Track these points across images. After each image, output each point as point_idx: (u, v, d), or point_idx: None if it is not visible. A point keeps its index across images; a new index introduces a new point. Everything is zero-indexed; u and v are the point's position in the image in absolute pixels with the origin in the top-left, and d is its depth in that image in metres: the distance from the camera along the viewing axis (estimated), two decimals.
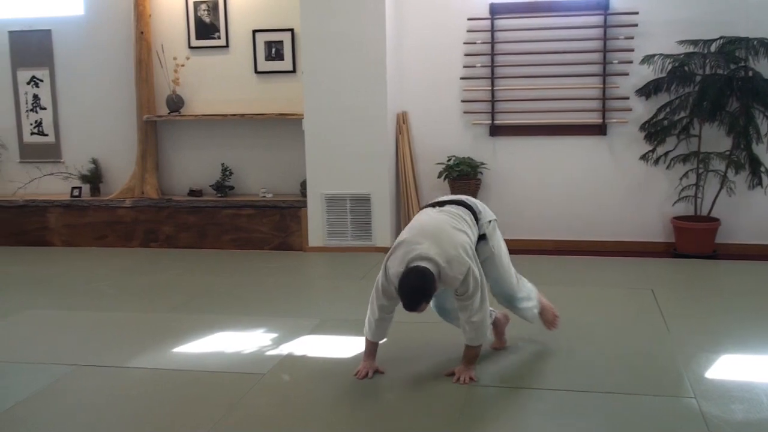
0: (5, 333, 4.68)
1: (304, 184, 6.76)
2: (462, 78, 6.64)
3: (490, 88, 6.59)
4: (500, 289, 3.85)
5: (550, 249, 6.60)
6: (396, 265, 3.42)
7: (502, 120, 6.63)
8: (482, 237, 3.66)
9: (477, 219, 3.66)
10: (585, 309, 4.86)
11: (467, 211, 3.65)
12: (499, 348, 4.06)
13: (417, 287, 3.29)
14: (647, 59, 6.18)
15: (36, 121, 7.52)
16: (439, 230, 3.47)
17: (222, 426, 3.28)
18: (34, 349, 4.35)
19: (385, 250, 6.47)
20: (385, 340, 3.77)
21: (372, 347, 3.75)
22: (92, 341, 4.45)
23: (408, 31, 6.69)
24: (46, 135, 7.53)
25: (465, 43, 6.58)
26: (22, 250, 7.10)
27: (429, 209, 3.72)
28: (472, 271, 3.41)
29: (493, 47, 6.54)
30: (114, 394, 3.68)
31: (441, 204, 3.73)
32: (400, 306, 3.48)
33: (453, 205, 3.68)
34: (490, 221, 3.71)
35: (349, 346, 4.20)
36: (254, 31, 6.95)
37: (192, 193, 7.16)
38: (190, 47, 7.10)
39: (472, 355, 3.66)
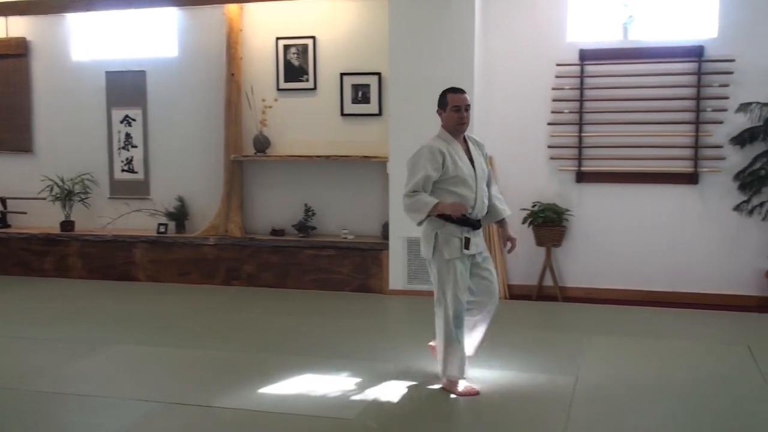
0: (95, 367, 4.76)
1: (385, 227, 6.75)
2: (549, 123, 6.56)
3: (577, 134, 6.50)
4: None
5: (637, 299, 6.40)
6: (435, 136, 4.46)
7: (589, 166, 6.52)
8: None
9: None
10: (677, 364, 4.68)
11: None
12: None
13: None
14: (743, 107, 6.02)
15: (127, 159, 7.73)
16: None
17: None
18: (122, 384, 4.40)
19: None
20: None
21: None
22: (178, 379, 4.49)
23: (496, 75, 6.66)
24: (136, 172, 7.73)
25: (553, 88, 6.52)
26: (109, 284, 7.25)
27: None
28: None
29: (582, 93, 6.46)
30: None
31: None
32: None
33: None
34: None
35: (435, 395, 4.12)
36: (342, 74, 7.04)
37: (274, 232, 7.22)
38: (279, 89, 7.22)
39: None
